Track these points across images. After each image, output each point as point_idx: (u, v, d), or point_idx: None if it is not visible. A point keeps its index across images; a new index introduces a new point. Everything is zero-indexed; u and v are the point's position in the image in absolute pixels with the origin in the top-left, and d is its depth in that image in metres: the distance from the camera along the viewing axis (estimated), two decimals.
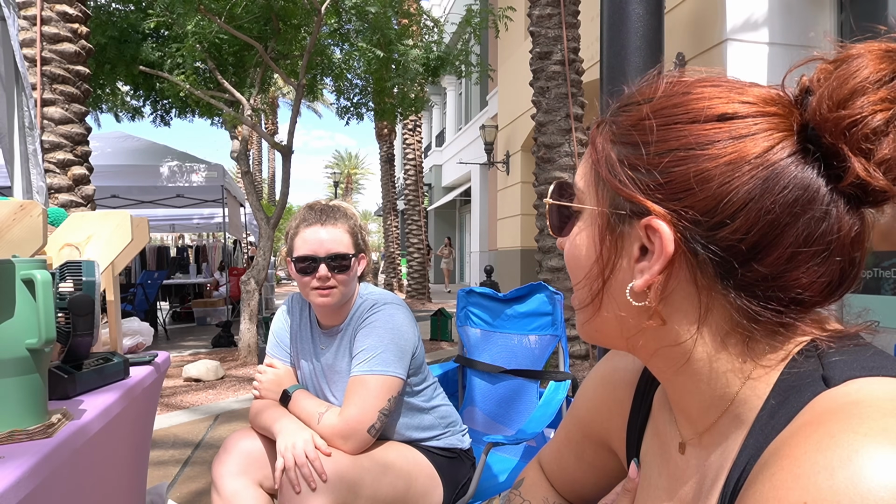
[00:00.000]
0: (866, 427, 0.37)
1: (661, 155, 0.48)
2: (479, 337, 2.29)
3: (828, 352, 0.47)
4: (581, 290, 0.55)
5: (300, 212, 1.57)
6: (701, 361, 0.50)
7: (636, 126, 0.50)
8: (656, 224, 0.47)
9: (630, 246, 0.50)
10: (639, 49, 1.54)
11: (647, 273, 0.48)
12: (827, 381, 0.43)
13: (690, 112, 0.48)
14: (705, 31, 5.46)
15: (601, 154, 0.52)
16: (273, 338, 1.68)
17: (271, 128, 22.45)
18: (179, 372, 5.46)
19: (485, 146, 12.01)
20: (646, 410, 0.66)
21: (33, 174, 2.29)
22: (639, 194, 0.48)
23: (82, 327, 1.15)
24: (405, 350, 1.49)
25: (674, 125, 0.48)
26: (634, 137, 0.49)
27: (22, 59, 2.26)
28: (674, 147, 0.47)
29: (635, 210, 0.49)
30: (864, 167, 0.43)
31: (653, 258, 0.48)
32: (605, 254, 0.51)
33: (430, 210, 20.92)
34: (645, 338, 0.53)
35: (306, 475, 1.29)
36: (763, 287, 0.47)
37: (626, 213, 0.49)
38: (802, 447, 0.39)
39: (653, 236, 0.48)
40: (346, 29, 7.43)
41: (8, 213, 1.17)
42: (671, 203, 0.47)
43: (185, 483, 2.96)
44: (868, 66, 0.43)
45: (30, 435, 0.87)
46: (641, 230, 0.49)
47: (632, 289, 0.49)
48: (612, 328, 0.54)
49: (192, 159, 7.48)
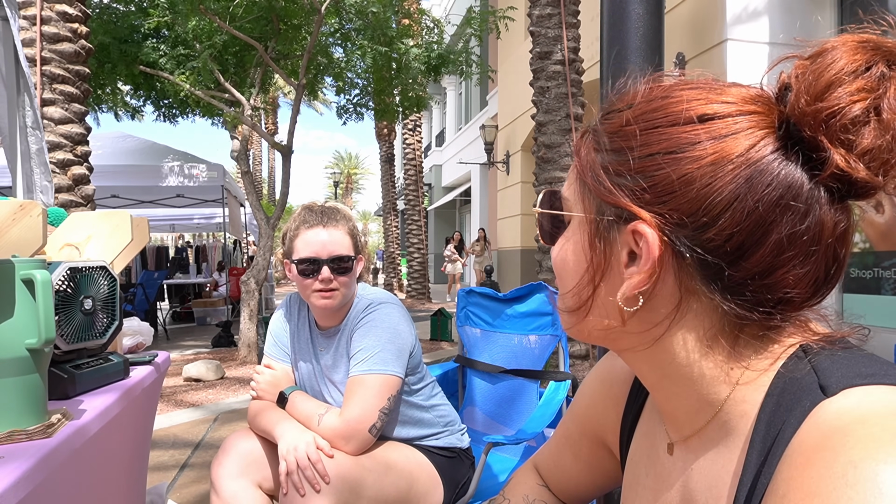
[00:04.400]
0: (884, 453, 0.37)
1: (644, 159, 0.48)
2: (479, 337, 2.29)
3: (819, 356, 0.46)
4: (569, 296, 0.55)
5: (299, 213, 1.56)
6: (687, 366, 0.50)
7: (618, 132, 0.50)
8: (642, 228, 0.47)
9: (619, 252, 0.50)
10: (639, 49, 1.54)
11: (636, 277, 0.48)
12: (824, 389, 0.43)
13: (670, 115, 0.48)
14: (705, 31, 5.46)
15: (585, 162, 0.52)
16: (271, 338, 1.67)
17: (271, 128, 22.45)
18: (179, 372, 5.46)
19: (485, 146, 12.01)
20: (637, 409, 0.66)
21: (39, 173, 2.28)
22: (623, 199, 0.48)
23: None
24: (403, 349, 1.49)
25: (654, 129, 0.48)
26: (617, 143, 0.50)
27: (24, 58, 2.26)
28: (656, 151, 0.47)
29: (621, 216, 0.49)
30: (843, 158, 0.43)
31: (640, 263, 0.48)
32: (595, 261, 0.51)
33: (430, 210, 20.92)
34: (631, 341, 0.53)
35: (310, 478, 1.29)
36: (750, 288, 0.47)
37: (613, 219, 0.50)
38: (828, 482, 0.38)
39: (640, 241, 0.48)
40: (347, 28, 7.43)
41: (7, 212, 1.17)
42: (656, 207, 0.47)
43: (184, 483, 2.96)
44: (843, 57, 0.43)
45: (29, 435, 0.87)
46: (629, 235, 0.49)
47: (622, 294, 0.49)
48: (597, 332, 0.54)
49: (193, 159, 7.48)
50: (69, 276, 1.16)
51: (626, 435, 0.67)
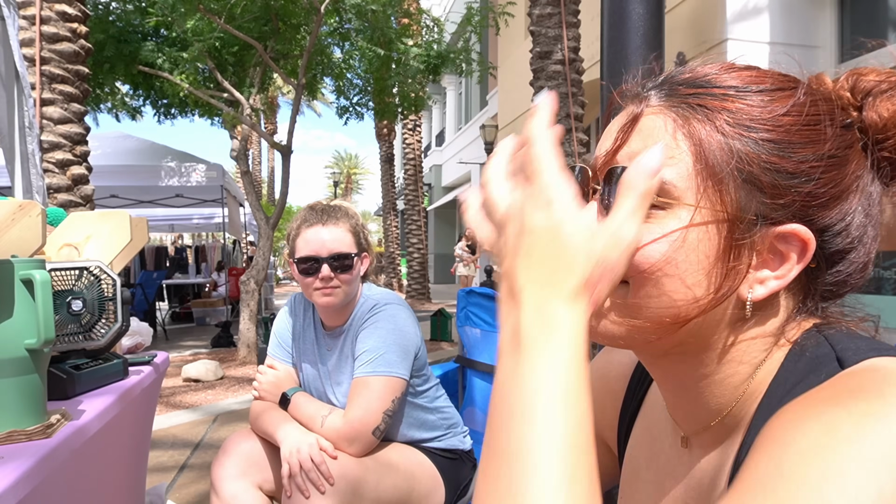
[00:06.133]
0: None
1: (808, 160, 0.45)
2: (479, 337, 2.29)
3: (834, 335, 0.46)
4: (665, 309, 0.46)
5: (301, 212, 1.57)
6: (734, 362, 0.49)
7: (774, 121, 0.45)
8: (803, 234, 0.44)
9: (748, 255, 0.45)
10: (639, 49, 1.54)
11: (773, 282, 0.45)
12: (841, 361, 0.43)
13: (825, 115, 0.46)
14: (705, 31, 5.46)
15: (726, 149, 0.44)
16: (275, 338, 1.67)
17: (271, 128, 22.45)
18: (179, 372, 5.46)
19: (485, 146, 12.01)
20: (637, 403, 0.65)
21: (32, 174, 2.28)
22: (792, 201, 0.44)
23: None
24: (408, 350, 1.48)
25: (816, 126, 0.45)
26: (778, 135, 0.45)
27: (21, 58, 2.25)
28: (822, 152, 0.45)
29: (767, 216, 0.44)
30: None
31: (784, 268, 0.45)
32: (731, 269, 0.45)
33: (429, 210, 20.92)
34: (692, 345, 0.49)
35: (314, 480, 1.28)
36: (833, 286, 0.48)
37: (754, 218, 0.44)
38: (841, 383, 0.39)
39: (789, 246, 0.45)
40: (346, 28, 7.43)
41: (7, 213, 1.16)
42: (816, 211, 0.45)
43: (184, 484, 2.96)
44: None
45: (29, 435, 0.87)
46: (770, 238, 0.45)
47: (751, 300, 0.46)
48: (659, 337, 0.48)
49: (192, 159, 7.47)
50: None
51: (623, 430, 0.67)
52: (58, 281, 1.21)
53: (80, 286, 1.24)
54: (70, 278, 1.22)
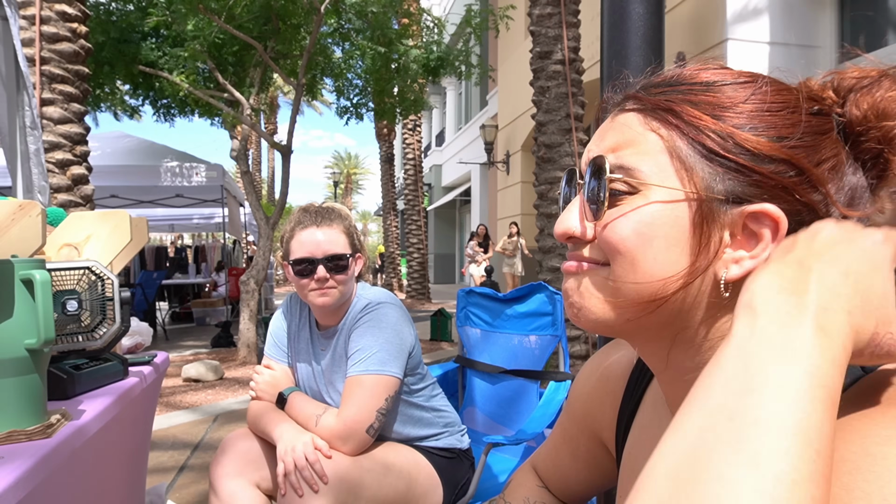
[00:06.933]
0: None
1: (772, 143, 0.46)
2: (479, 337, 2.29)
3: None
4: (642, 285, 0.48)
5: (295, 215, 1.57)
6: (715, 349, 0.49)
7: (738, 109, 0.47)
8: (775, 213, 0.45)
9: (719, 233, 0.47)
10: (639, 49, 1.54)
11: (748, 262, 0.46)
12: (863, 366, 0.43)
13: (796, 102, 0.48)
14: (705, 31, 5.46)
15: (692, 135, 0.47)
16: (271, 338, 1.68)
17: (271, 127, 22.46)
18: (179, 372, 5.46)
19: (485, 146, 12.02)
20: (635, 403, 0.66)
21: (35, 173, 2.28)
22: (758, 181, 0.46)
23: None
24: (401, 349, 1.49)
25: (779, 112, 0.47)
26: (741, 120, 0.47)
27: (24, 58, 2.25)
28: (784, 136, 0.46)
29: (734, 194, 0.46)
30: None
31: (759, 247, 0.46)
32: (703, 243, 0.47)
33: (429, 210, 20.92)
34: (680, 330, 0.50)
35: (308, 478, 1.29)
36: None
37: (722, 197, 0.46)
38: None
39: (759, 225, 0.46)
40: (346, 28, 7.43)
41: (7, 212, 1.16)
42: (786, 194, 0.46)
43: (184, 484, 2.96)
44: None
45: (29, 435, 0.87)
46: (740, 216, 0.46)
47: (725, 279, 0.47)
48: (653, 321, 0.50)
49: (192, 159, 7.47)
50: None
51: (622, 429, 0.67)
52: (58, 281, 1.21)
53: (80, 286, 1.24)
54: (70, 278, 1.23)
